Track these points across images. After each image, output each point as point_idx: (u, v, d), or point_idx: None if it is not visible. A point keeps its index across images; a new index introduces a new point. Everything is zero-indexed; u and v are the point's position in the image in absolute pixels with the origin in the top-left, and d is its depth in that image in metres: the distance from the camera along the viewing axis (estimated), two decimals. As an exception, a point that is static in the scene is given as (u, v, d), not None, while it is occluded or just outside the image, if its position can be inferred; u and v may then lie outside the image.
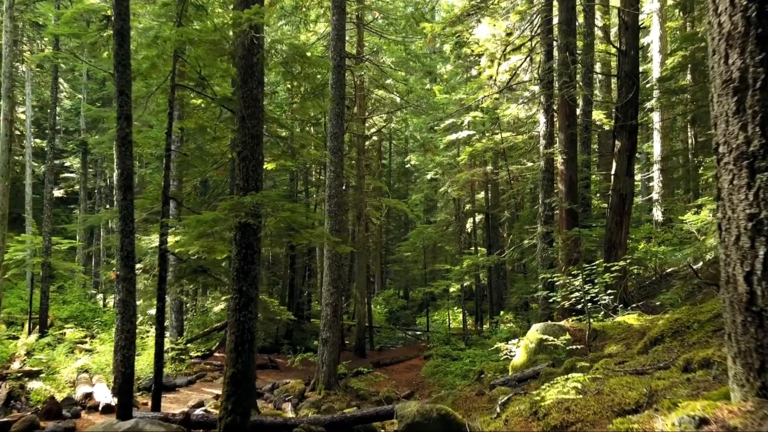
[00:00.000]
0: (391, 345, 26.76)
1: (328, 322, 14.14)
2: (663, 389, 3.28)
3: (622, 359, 5.19)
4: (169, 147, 9.15)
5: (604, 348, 7.62)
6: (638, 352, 5.72)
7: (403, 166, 39.65)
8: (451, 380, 16.00)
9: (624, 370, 4.42)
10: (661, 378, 3.63)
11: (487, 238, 25.12)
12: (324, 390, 13.83)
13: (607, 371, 4.60)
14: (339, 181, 14.24)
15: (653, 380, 3.61)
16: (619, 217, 12.07)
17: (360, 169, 21.21)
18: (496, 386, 7.77)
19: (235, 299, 6.82)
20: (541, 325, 8.64)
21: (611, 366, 4.94)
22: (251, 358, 6.78)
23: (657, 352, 5.08)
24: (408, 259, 30.09)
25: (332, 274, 14.09)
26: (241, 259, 6.82)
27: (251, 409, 6.77)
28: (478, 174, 22.64)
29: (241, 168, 6.94)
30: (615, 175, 12.27)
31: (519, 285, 17.56)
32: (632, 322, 8.28)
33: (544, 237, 12.72)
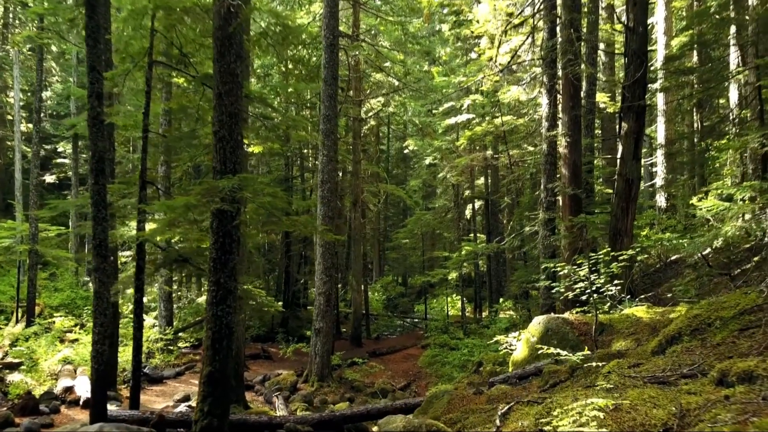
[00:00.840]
0: (389, 333, 26.32)
1: (321, 312, 13.64)
2: (696, 409, 2.74)
3: (636, 361, 4.65)
4: (146, 129, 8.54)
5: (612, 343, 7.09)
6: (653, 352, 5.17)
7: (402, 152, 38.99)
8: (448, 371, 15.53)
9: (642, 377, 3.87)
10: (691, 392, 3.09)
11: (486, 225, 24.56)
12: (317, 382, 13.36)
13: (621, 377, 4.06)
14: (332, 166, 13.65)
15: (682, 395, 3.07)
16: (625, 204, 11.49)
17: (356, 154, 20.59)
18: (495, 384, 7.25)
19: (212, 292, 6.27)
20: (544, 318, 8.11)
21: (625, 369, 4.40)
22: (230, 355, 6.25)
23: (676, 353, 4.54)
24: (406, 247, 29.55)
25: (325, 262, 13.55)
26: (218, 249, 6.27)
27: (230, 410, 6.26)
28: (477, 159, 22.02)
29: (218, 149, 6.35)
30: (621, 159, 11.67)
31: (519, 273, 17.04)
32: (641, 314, 7.75)
33: (546, 224, 12.16)
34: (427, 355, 17.81)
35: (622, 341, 6.93)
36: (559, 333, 7.69)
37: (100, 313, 7.53)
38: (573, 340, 7.57)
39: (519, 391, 6.58)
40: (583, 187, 12.71)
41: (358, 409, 7.76)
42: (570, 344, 7.55)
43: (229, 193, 5.97)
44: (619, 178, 11.74)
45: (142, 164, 8.52)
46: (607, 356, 6.15)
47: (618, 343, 6.96)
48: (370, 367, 15.67)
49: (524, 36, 16.77)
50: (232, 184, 5.92)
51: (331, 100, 13.67)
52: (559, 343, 7.62)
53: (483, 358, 14.56)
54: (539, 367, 7.17)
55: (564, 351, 5.30)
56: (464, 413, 6.01)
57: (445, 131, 25.24)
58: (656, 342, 5.27)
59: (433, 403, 6.90)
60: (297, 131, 9.75)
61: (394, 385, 14.44)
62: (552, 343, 7.71)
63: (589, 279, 7.31)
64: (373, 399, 13.39)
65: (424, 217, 25.68)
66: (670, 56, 16.07)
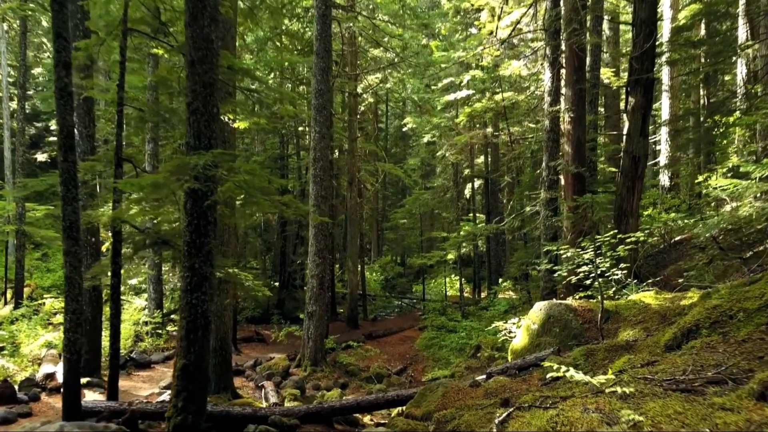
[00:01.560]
0: (386, 314, 25.97)
1: (314, 295, 13.19)
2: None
3: (650, 357, 4.16)
4: (121, 102, 7.95)
5: (618, 332, 6.61)
6: (667, 346, 4.69)
7: (401, 130, 38.21)
8: (445, 354, 15.15)
9: (659, 380, 3.39)
10: (726, 407, 2.60)
11: (486, 204, 24.04)
12: (310, 367, 12.97)
13: (635, 380, 3.57)
14: (325, 143, 13.07)
15: (715, 411, 2.59)
16: (631, 182, 10.95)
17: (352, 132, 19.97)
18: (493, 375, 6.81)
19: (187, 278, 5.77)
20: (545, 303, 7.63)
21: (639, 369, 3.91)
22: (206, 346, 5.78)
23: (695, 350, 4.05)
24: (404, 227, 29.04)
25: (318, 243, 13.05)
26: (192, 232, 5.75)
27: (206, 404, 5.80)
28: (477, 136, 21.40)
29: (191, 123, 5.79)
30: (627, 135, 11.09)
31: (519, 254, 16.56)
32: (649, 301, 7.27)
33: (548, 204, 11.64)
34: (425, 338, 17.43)
35: (630, 330, 6.45)
36: (562, 321, 7.22)
37: (71, 300, 7.04)
38: (576, 329, 7.10)
39: (518, 384, 6.13)
40: (587, 166, 12.16)
41: (348, 401, 7.33)
42: (573, 333, 7.09)
43: (203, 171, 5.44)
44: (625, 156, 11.19)
45: (117, 140, 7.96)
46: (614, 348, 5.68)
47: (625, 332, 6.49)
48: (366, 350, 15.28)
49: (526, 8, 16.05)
50: (204, 160, 5.38)
51: (324, 73, 13.04)
52: (561, 332, 7.16)
53: (481, 342, 14.18)
54: (540, 358, 6.71)
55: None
56: (459, 410, 5.56)
57: (444, 108, 24.58)
58: (670, 335, 4.78)
59: (427, 396, 6.45)
60: (285, 105, 9.14)
61: (389, 370, 14.07)
62: (554, 331, 7.25)
63: (595, 263, 6.82)
64: (367, 384, 13.01)
65: (422, 196, 25.13)
66: (679, 27, 15.36)
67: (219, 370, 10.11)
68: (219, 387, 10.08)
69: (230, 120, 9.53)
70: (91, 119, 11.01)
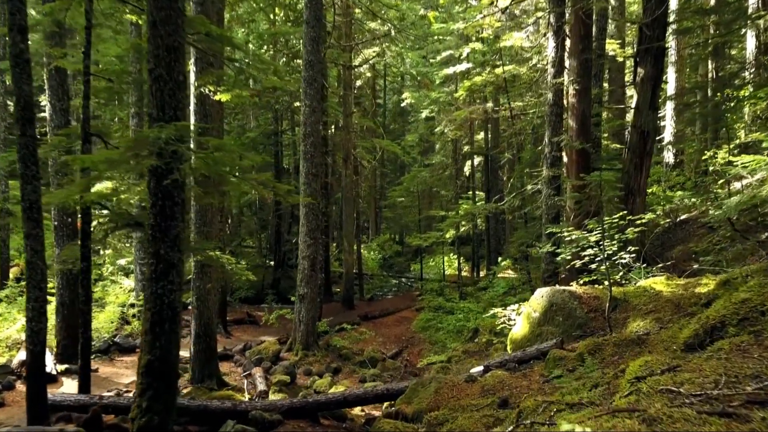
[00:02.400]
0: (383, 294, 25.52)
1: (305, 277, 12.65)
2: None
3: (670, 361, 3.60)
4: (87, 72, 7.29)
5: (628, 323, 6.07)
6: (687, 345, 4.14)
7: (399, 106, 37.37)
8: (442, 337, 14.69)
9: (687, 395, 2.83)
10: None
11: (485, 182, 23.40)
12: (301, 351, 12.50)
13: (656, 393, 3.02)
14: (315, 117, 12.40)
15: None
16: (639, 159, 10.35)
17: (347, 106, 19.23)
18: (490, 368, 6.29)
19: (151, 266, 5.20)
20: (548, 290, 7.08)
21: (660, 377, 3.36)
22: (174, 340, 5.24)
23: (723, 353, 3.50)
24: (401, 205, 28.42)
25: (309, 223, 12.47)
26: (156, 214, 5.16)
27: (175, 403, 5.29)
28: (477, 112, 20.66)
29: (154, 92, 5.16)
30: (635, 109, 10.45)
31: (519, 234, 15.99)
32: (660, 287, 6.72)
33: (550, 182, 11.02)
34: (421, 319, 16.97)
35: (640, 321, 5.91)
36: (565, 309, 6.68)
37: (34, 287, 6.50)
38: (581, 318, 6.56)
39: (518, 380, 5.61)
40: (592, 141, 11.52)
41: (334, 396, 6.83)
42: (577, 322, 6.55)
43: (165, 146, 4.83)
44: (632, 131, 10.56)
45: (84, 113, 7.32)
46: (624, 343, 5.14)
47: (635, 322, 5.95)
48: (360, 333, 14.82)
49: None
50: (167, 134, 4.77)
51: (314, 44, 12.31)
52: (565, 321, 6.63)
53: (479, 325, 13.69)
54: (542, 350, 6.18)
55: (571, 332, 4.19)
56: (453, 410, 5.04)
57: (443, 82, 23.79)
58: (690, 331, 4.22)
59: (418, 392, 5.94)
60: (269, 76, 8.48)
61: (384, 353, 13.61)
62: (556, 320, 6.71)
63: (602, 246, 6.25)
64: (361, 368, 12.56)
65: (420, 174, 24.48)
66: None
67: (203, 357, 9.62)
68: (203, 375, 9.61)
69: (211, 92, 8.86)
70: (65, 91, 10.35)
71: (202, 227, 9.44)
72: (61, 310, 10.40)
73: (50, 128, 10.15)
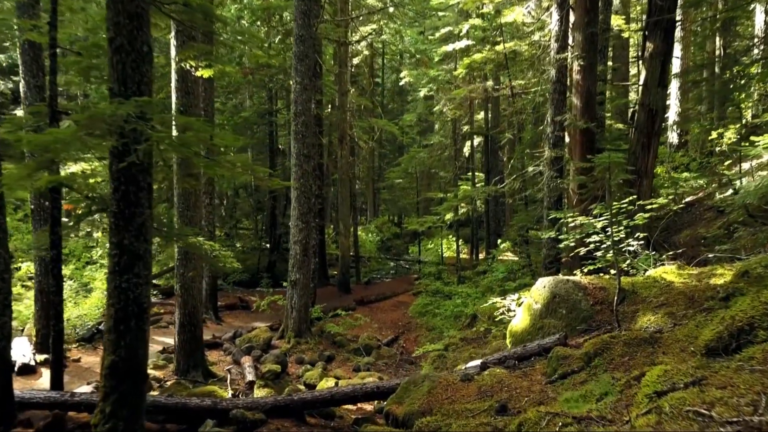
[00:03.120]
0: (381, 277, 25.13)
1: (297, 262, 12.20)
2: None
3: (693, 374, 3.13)
4: (54, 44, 6.74)
5: (637, 317, 5.61)
6: (709, 349, 3.67)
7: (398, 85, 36.55)
8: (440, 323, 14.29)
9: (724, 424, 2.36)
10: None
11: (485, 163, 22.84)
12: (293, 338, 12.09)
13: (682, 416, 2.56)
14: (307, 95, 11.82)
15: None
16: (647, 139, 9.82)
17: (342, 85, 18.59)
18: (488, 365, 5.84)
19: (114, 257, 4.71)
20: (550, 280, 6.61)
21: (682, 390, 2.89)
22: (142, 338, 4.78)
23: (757, 363, 3.03)
24: (399, 187, 27.87)
25: (301, 206, 11.97)
26: (119, 200, 4.66)
27: (143, 406, 4.84)
28: (476, 90, 20.01)
29: (115, 64, 4.63)
30: (643, 86, 9.89)
31: (519, 218, 15.49)
32: (672, 277, 6.24)
33: (553, 163, 10.49)
34: (418, 304, 16.58)
35: (651, 315, 5.44)
36: (569, 301, 6.21)
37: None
38: (586, 311, 6.10)
39: (518, 380, 5.16)
40: (596, 121, 10.97)
41: (321, 394, 6.40)
42: (582, 316, 6.09)
43: (125, 124, 4.32)
44: (640, 109, 10.01)
45: (50, 90, 6.78)
46: (635, 342, 4.68)
47: (645, 317, 5.48)
48: (355, 319, 14.40)
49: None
50: (127, 110, 4.25)
51: (305, 17, 11.67)
52: (569, 314, 6.16)
53: (477, 312, 13.28)
54: (544, 346, 5.73)
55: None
56: (446, 416, 4.59)
57: (441, 60, 23.08)
58: (713, 333, 3.74)
59: (410, 391, 5.50)
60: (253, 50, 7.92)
61: (379, 340, 13.21)
62: (559, 313, 6.25)
63: (610, 233, 5.76)
64: (355, 356, 12.17)
65: (418, 154, 23.88)
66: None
67: (188, 347, 9.20)
68: (188, 366, 9.20)
69: (192, 68, 8.30)
70: (40, 68, 9.74)
71: (186, 211, 8.94)
72: (39, 298, 9.94)
73: (25, 107, 9.58)
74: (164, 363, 9.52)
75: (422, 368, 11.28)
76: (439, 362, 11.35)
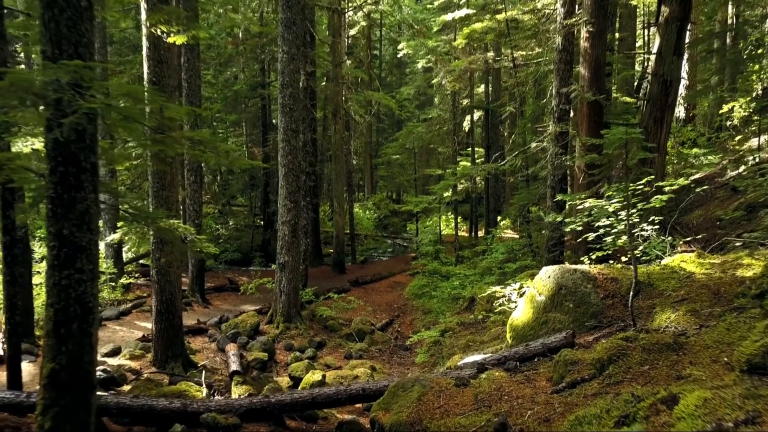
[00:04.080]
0: (378, 256, 24.55)
1: (286, 244, 11.56)
2: None
3: (742, 405, 2.50)
4: (1, 5, 6.01)
5: (654, 315, 4.98)
6: (750, 364, 3.04)
7: (396, 57, 35.48)
8: (436, 306, 13.71)
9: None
10: None
11: (486, 138, 22.04)
12: (282, 323, 11.53)
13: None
14: (295, 66, 11.03)
15: None
16: (660, 112, 9.09)
17: (335, 55, 17.72)
18: (486, 367, 5.23)
19: (53, 249, 4.05)
20: (555, 269, 5.96)
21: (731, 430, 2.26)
22: (87, 342, 4.15)
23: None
24: (396, 163, 27.08)
25: (289, 185, 11.29)
26: (57, 183, 3.98)
27: (90, 420, 4.23)
28: (477, 62, 19.10)
29: (47, 21, 3.91)
30: (657, 55, 9.11)
31: (521, 196, 14.79)
32: (692, 267, 5.60)
33: (558, 139, 9.75)
34: (415, 285, 16.01)
35: (671, 313, 4.81)
36: (577, 293, 5.57)
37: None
38: (596, 305, 5.47)
39: (520, 387, 4.55)
40: (605, 93, 10.21)
41: (302, 396, 5.80)
42: (591, 310, 5.46)
43: (52, 93, 3.62)
44: (653, 80, 9.25)
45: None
46: (656, 347, 4.05)
47: (664, 314, 4.85)
48: (348, 302, 13.83)
49: None
50: (56, 76, 3.55)
51: (292, -19, 10.83)
52: (576, 308, 5.53)
53: (476, 295, 12.69)
54: (549, 345, 5.11)
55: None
56: None
57: (440, 29, 22.10)
58: (755, 346, 3.11)
59: (399, 397, 4.89)
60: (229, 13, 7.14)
61: (373, 325, 12.65)
62: (566, 306, 5.62)
63: (627, 219, 5.10)
64: (347, 342, 11.63)
65: (416, 129, 23.05)
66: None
67: (166, 336, 8.61)
68: (167, 356, 8.62)
69: (164, 33, 7.54)
70: (2, 34, 8.94)
71: (161, 191, 8.27)
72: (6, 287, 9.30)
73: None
74: (141, 352, 8.94)
75: (417, 356, 10.74)
76: (434, 349, 10.80)
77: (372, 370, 9.59)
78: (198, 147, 4.51)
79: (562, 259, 9.87)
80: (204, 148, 4.58)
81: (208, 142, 4.60)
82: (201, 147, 4.54)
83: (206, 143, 4.57)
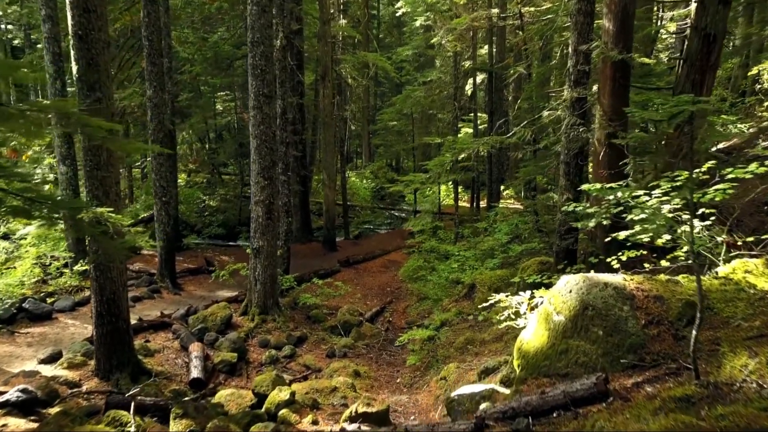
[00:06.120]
0: (374, 229, 23.20)
1: (260, 227, 10.18)
2: None
3: None
4: None
5: (721, 357, 3.58)
6: None
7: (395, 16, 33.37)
8: (433, 291, 12.36)
9: None
10: None
11: (489, 103, 20.38)
12: (258, 315, 10.24)
13: None
14: (266, 20, 9.43)
15: None
16: (700, 75, 7.54)
17: (324, 11, 15.96)
18: (486, 423, 3.87)
19: None
20: (578, 280, 4.55)
21: None
22: None
23: None
24: (394, 130, 25.43)
25: (262, 159, 9.81)
26: None
27: None
28: (479, 19, 17.32)
29: None
30: (699, 3, 7.51)
31: (527, 169, 13.27)
32: (763, 283, 4.18)
33: (574, 106, 8.19)
34: (410, 266, 14.68)
35: (746, 358, 3.42)
36: (609, 318, 4.17)
37: None
38: (635, 336, 4.06)
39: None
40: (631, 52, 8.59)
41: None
42: (629, 342, 4.07)
43: None
44: (692, 34, 7.66)
45: None
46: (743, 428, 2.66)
47: (736, 358, 3.46)
48: (335, 288, 12.50)
49: None
50: None
51: None
52: (608, 337, 4.15)
53: (476, 280, 11.34)
54: (572, 395, 3.74)
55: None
56: None
57: (440, -16, 20.18)
58: None
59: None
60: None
61: (362, 314, 11.36)
62: (593, 333, 4.24)
63: (690, 221, 3.68)
64: (331, 336, 10.36)
65: (414, 93, 21.37)
66: None
67: (109, 342, 7.29)
68: (111, 365, 7.33)
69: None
70: None
71: (95, 170, 6.81)
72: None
73: None
74: (83, 359, 7.64)
75: (409, 355, 9.45)
76: (428, 347, 9.52)
77: (355, 376, 8.32)
78: (64, 119, 3.08)
79: (576, 248, 8.46)
80: (68, 120, 3.14)
81: (77, 117, 3.15)
82: (65, 120, 3.11)
83: (72, 116, 3.13)
